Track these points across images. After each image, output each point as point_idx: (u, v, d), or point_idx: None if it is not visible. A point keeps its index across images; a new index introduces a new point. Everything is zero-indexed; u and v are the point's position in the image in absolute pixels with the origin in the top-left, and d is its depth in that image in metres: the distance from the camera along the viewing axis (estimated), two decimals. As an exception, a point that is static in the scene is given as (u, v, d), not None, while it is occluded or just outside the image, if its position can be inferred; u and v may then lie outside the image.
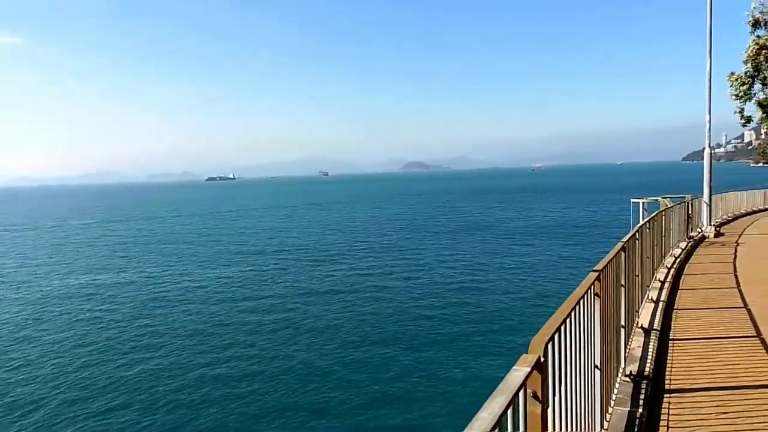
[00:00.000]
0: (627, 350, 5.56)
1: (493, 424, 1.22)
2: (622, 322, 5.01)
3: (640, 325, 6.79)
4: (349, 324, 22.64)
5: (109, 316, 25.42)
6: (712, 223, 20.39)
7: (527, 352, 1.74)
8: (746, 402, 4.97)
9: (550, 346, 2.09)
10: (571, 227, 55.84)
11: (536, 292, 27.62)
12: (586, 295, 3.06)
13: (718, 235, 19.64)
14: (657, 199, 18.18)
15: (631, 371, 5.09)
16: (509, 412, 1.44)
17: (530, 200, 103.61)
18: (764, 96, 13.27)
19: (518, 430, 1.59)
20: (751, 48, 12.83)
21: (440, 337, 20.59)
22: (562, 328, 2.38)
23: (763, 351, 6.51)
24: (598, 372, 3.35)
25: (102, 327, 23.68)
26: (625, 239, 5.32)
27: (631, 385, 4.84)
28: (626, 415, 4.21)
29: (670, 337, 7.10)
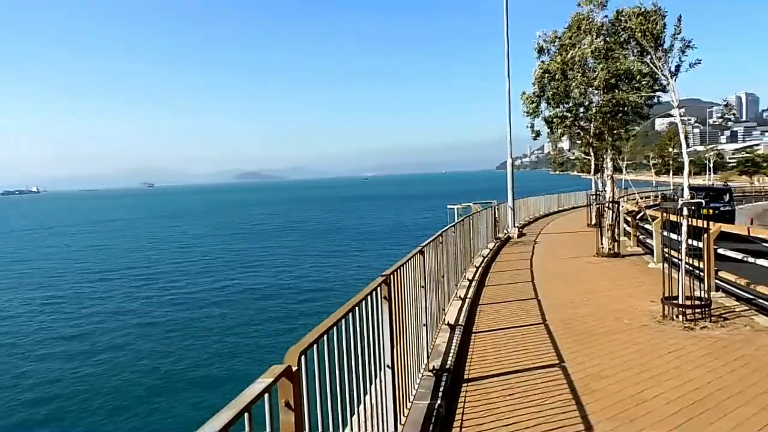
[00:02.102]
0: (432, 346, 5.96)
1: (207, 443, 1.19)
2: (424, 321, 5.36)
3: (446, 322, 7.33)
4: (126, 344, 21.21)
5: None
6: (516, 225, 22.98)
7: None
8: (528, 382, 5.62)
9: (315, 352, 2.14)
10: (399, 233, 58.84)
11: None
12: (369, 299, 3.21)
13: (521, 235, 22.18)
14: (470, 205, 19.92)
15: (434, 366, 5.46)
16: (246, 424, 1.43)
17: (364, 208, 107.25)
18: (548, 113, 15.26)
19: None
20: (537, 71, 14.70)
21: (236, 355, 19.73)
22: (335, 332, 2.46)
23: (546, 335, 7.44)
24: (389, 371, 3.53)
25: None
26: (424, 244, 5.72)
27: (434, 379, 5.19)
28: (425, 408, 4.49)
29: (473, 331, 7.80)
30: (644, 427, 4.53)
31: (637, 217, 18.48)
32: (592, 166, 20.60)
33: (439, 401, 4.69)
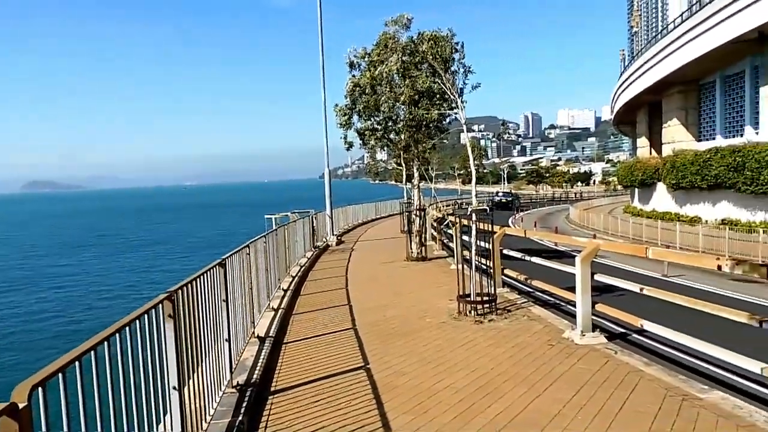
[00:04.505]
0: (237, 361, 5.79)
1: None
2: (227, 336, 5.18)
3: (256, 335, 7.19)
4: None
5: None
6: (335, 233, 23.53)
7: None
8: (336, 386, 5.74)
9: (61, 382, 1.93)
10: (216, 244, 56.22)
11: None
12: (145, 319, 3.01)
13: (339, 243, 22.74)
14: (287, 214, 19.90)
15: (238, 381, 5.31)
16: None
17: (179, 218, 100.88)
18: (360, 126, 15.91)
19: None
20: (349, 85, 15.25)
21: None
22: (92, 358, 2.25)
23: (356, 339, 7.71)
24: (176, 393, 3.33)
25: None
26: (226, 255, 5.55)
27: (237, 395, 5.03)
28: (225, 426, 4.34)
29: (285, 341, 7.75)
30: (435, 416, 4.92)
31: (442, 224, 20.14)
32: (404, 176, 22.03)
33: (241, 417, 4.56)
